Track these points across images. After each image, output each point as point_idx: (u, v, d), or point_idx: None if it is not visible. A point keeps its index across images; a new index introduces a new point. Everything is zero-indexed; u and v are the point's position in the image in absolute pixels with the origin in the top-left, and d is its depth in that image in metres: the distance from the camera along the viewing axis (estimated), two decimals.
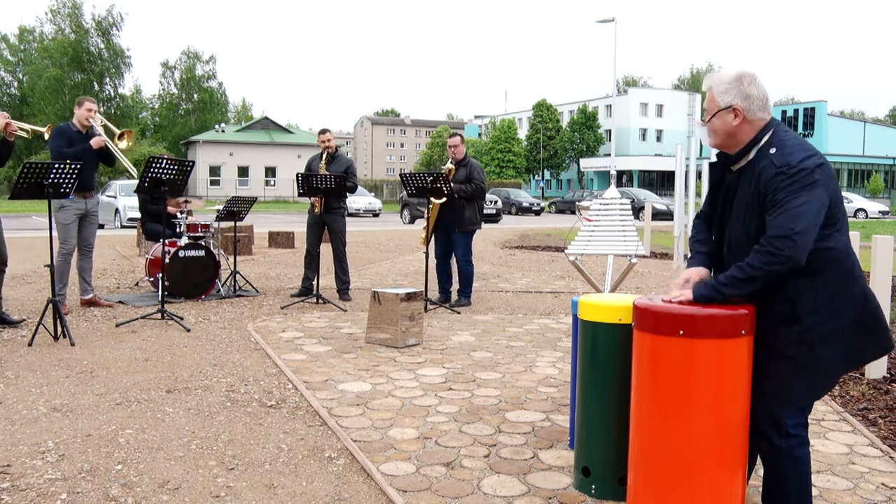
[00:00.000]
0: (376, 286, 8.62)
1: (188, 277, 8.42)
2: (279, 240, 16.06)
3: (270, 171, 59.81)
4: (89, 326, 6.93)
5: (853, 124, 72.38)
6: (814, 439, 4.06)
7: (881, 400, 4.90)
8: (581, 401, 3.43)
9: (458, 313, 8.03)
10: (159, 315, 7.15)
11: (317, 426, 4.27)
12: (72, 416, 4.33)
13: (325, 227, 8.81)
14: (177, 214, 8.84)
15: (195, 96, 70.23)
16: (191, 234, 8.69)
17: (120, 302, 8.21)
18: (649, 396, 2.79)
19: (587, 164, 72.63)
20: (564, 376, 5.44)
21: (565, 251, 6.37)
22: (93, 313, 7.55)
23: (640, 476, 2.87)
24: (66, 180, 6.33)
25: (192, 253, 8.44)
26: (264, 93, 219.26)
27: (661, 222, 26.34)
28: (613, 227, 6.38)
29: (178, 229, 8.79)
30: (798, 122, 65.37)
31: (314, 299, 8.43)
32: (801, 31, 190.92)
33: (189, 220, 8.77)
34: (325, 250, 8.81)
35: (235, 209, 9.41)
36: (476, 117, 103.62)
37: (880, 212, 40.79)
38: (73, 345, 6.10)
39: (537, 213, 39.71)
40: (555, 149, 75.59)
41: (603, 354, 3.29)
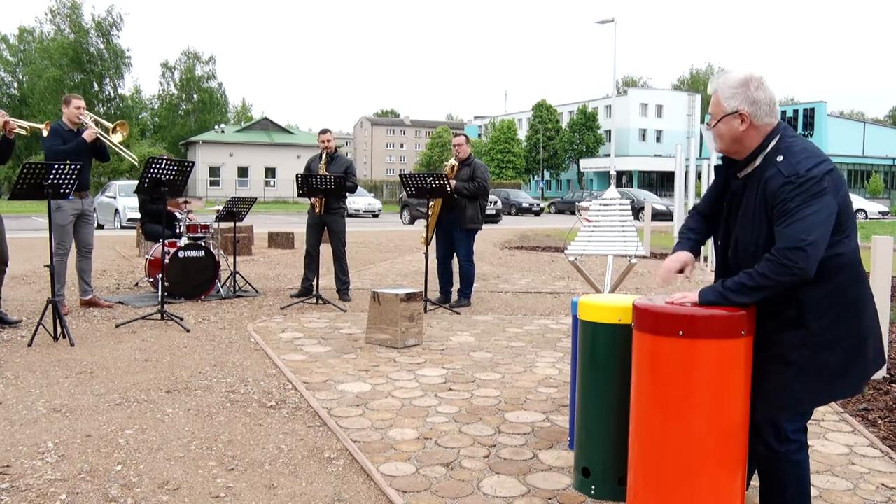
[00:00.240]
0: (376, 287, 8.63)
1: (188, 278, 8.42)
2: (279, 240, 16.06)
3: (270, 172, 59.81)
4: (89, 327, 6.93)
5: (853, 125, 72.36)
6: (814, 440, 4.07)
7: (881, 400, 4.90)
8: (581, 401, 3.43)
9: (458, 314, 8.03)
10: (159, 315, 7.15)
11: (316, 427, 4.28)
12: (71, 417, 4.33)
13: (325, 228, 8.81)
14: (176, 215, 8.84)
15: (195, 97, 70.22)
16: (190, 235, 8.69)
17: (120, 302, 8.21)
18: (649, 397, 2.79)
19: (587, 164, 72.66)
20: (564, 377, 5.44)
21: (565, 252, 6.37)
22: (92, 314, 7.55)
23: (639, 476, 2.87)
24: (66, 181, 6.33)
25: (192, 253, 8.44)
26: (264, 93, 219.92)
27: (661, 223, 26.35)
28: (613, 227, 6.38)
29: (177, 230, 8.80)
30: (798, 122, 65.35)
31: (314, 300, 8.43)
32: (801, 32, 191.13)
33: (189, 221, 8.77)
34: (325, 251, 8.81)
35: (235, 210, 9.42)
36: (476, 118, 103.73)
37: (880, 212, 40.77)
38: (72, 345, 6.10)
39: (537, 213, 39.74)
40: (554, 149, 75.62)
41: (602, 355, 3.30)
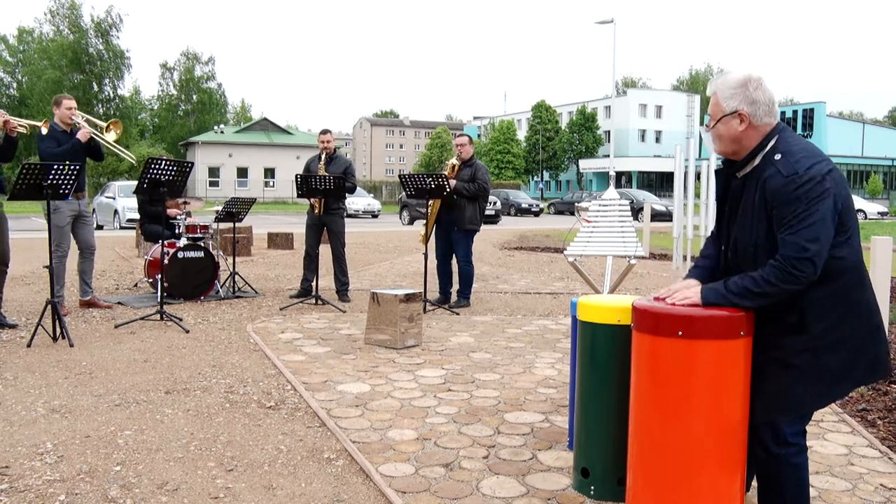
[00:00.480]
0: (375, 287, 8.62)
1: (187, 278, 8.42)
2: (278, 241, 16.05)
3: (269, 172, 59.81)
4: (88, 328, 6.93)
5: (852, 125, 72.39)
6: (813, 440, 4.07)
7: (880, 401, 4.90)
8: (580, 402, 3.43)
9: (457, 314, 8.03)
10: (158, 316, 7.15)
11: (316, 427, 4.27)
12: (70, 418, 4.33)
13: (324, 228, 8.81)
14: (176, 216, 8.84)
15: (194, 97, 70.25)
16: (190, 236, 8.68)
17: (119, 303, 8.21)
18: (648, 397, 2.79)
19: (586, 165, 72.67)
20: (563, 377, 5.44)
21: (564, 252, 6.37)
22: (92, 314, 7.55)
23: (639, 477, 2.87)
24: (66, 181, 6.32)
25: (191, 254, 8.44)
26: (263, 94, 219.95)
27: (660, 223, 26.34)
28: (612, 228, 6.38)
29: (177, 230, 8.80)
30: (797, 123, 65.39)
31: (313, 300, 8.43)
32: (801, 32, 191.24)
33: (188, 222, 8.77)
34: (324, 251, 8.81)
35: (234, 210, 9.41)
36: (475, 118, 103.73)
37: (879, 213, 40.83)
38: (71, 346, 6.10)
39: (536, 214, 39.75)
40: (554, 150, 75.65)
41: (602, 355, 3.30)
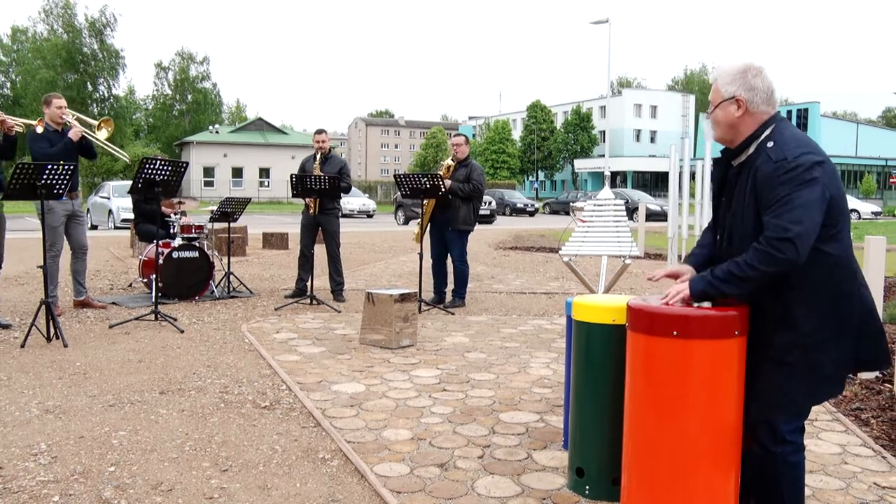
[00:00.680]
0: (370, 287, 8.61)
1: (182, 278, 8.40)
2: (273, 241, 16.03)
3: (264, 172, 59.74)
4: (82, 328, 6.91)
5: (846, 125, 72.57)
6: (807, 439, 4.05)
7: (873, 400, 4.92)
8: (575, 401, 3.43)
9: (452, 314, 8.03)
10: (153, 316, 7.14)
11: (311, 427, 4.27)
12: (64, 418, 4.31)
13: (319, 228, 8.80)
14: (170, 215, 8.82)
15: (189, 97, 70.04)
16: (184, 235, 8.66)
17: (113, 303, 8.19)
18: (643, 397, 2.79)
19: (581, 164, 72.74)
20: (558, 377, 5.44)
21: (559, 252, 6.37)
22: (86, 315, 7.53)
23: (633, 477, 2.87)
24: (60, 181, 6.31)
25: (186, 254, 8.42)
26: (258, 94, 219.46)
27: (655, 223, 26.32)
28: (607, 227, 6.38)
29: (171, 230, 8.78)
30: (791, 123, 65.48)
31: (308, 300, 8.42)
32: (795, 33, 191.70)
33: (183, 221, 8.75)
34: (319, 251, 8.80)
35: (229, 210, 9.39)
36: (470, 118, 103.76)
37: (873, 212, 40.97)
38: (66, 346, 6.08)
39: (531, 213, 39.78)
40: (549, 150, 75.68)
41: (597, 355, 3.30)
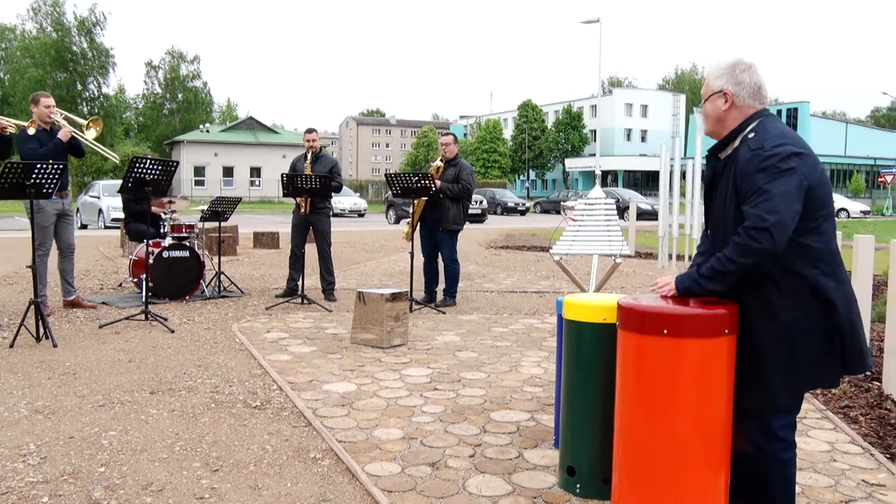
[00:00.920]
0: (361, 286, 8.61)
1: (172, 278, 8.37)
2: (264, 240, 15.99)
3: (255, 172, 59.56)
4: (72, 328, 6.88)
5: (835, 125, 72.88)
6: (796, 437, 4.09)
7: (862, 398, 4.94)
8: (566, 400, 3.43)
9: (444, 313, 8.03)
10: (143, 316, 7.11)
11: (302, 427, 4.26)
12: (54, 419, 4.29)
13: (310, 228, 8.79)
14: (161, 215, 8.79)
15: (179, 96, 69.79)
16: (175, 235, 8.64)
17: (103, 303, 8.15)
18: (634, 396, 2.80)
19: (572, 164, 72.81)
20: (549, 376, 5.45)
21: (550, 251, 6.38)
22: (75, 314, 7.50)
23: (624, 475, 2.88)
24: (49, 180, 6.27)
25: (177, 253, 8.39)
26: (249, 93, 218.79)
27: (646, 222, 26.39)
28: (598, 227, 6.40)
29: (162, 230, 8.75)
30: (780, 119, 65.78)
31: (299, 300, 8.41)
32: (785, 33, 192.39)
33: (173, 221, 8.72)
34: (310, 251, 8.79)
35: (220, 209, 9.37)
36: (461, 117, 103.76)
37: (862, 211, 41.20)
38: (55, 346, 6.05)
39: (522, 213, 39.83)
40: (540, 149, 75.76)
41: (587, 354, 3.30)
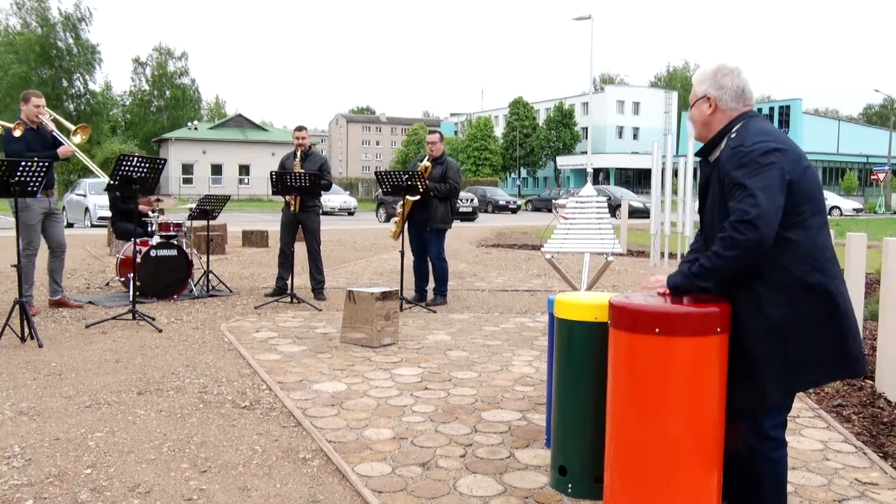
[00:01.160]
0: (351, 285, 8.60)
1: (160, 277, 8.34)
2: (253, 239, 15.95)
3: (244, 169, 59.41)
4: (58, 328, 6.84)
5: (827, 122, 73.28)
6: (788, 436, 4.08)
7: (855, 396, 4.97)
8: (557, 400, 3.44)
9: (434, 312, 8.03)
10: (130, 315, 7.08)
11: (291, 427, 4.25)
12: (39, 420, 4.27)
13: (300, 226, 8.77)
14: (148, 213, 8.76)
15: (167, 93, 69.51)
16: (163, 233, 8.60)
17: (90, 302, 8.12)
18: (625, 395, 2.81)
19: (564, 161, 72.93)
20: (541, 375, 5.45)
21: (541, 249, 6.38)
22: (61, 314, 7.46)
23: (616, 474, 2.88)
24: (34, 178, 6.23)
25: (164, 252, 8.36)
26: (238, 90, 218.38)
27: (638, 220, 26.46)
28: (590, 225, 6.39)
29: (149, 228, 8.72)
30: (773, 120, 66.12)
31: (288, 299, 8.39)
32: (777, 30, 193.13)
33: (161, 219, 8.69)
34: (300, 249, 8.77)
35: (208, 208, 9.34)
36: (452, 115, 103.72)
37: (854, 209, 41.44)
38: (40, 346, 6.02)
39: (514, 211, 39.86)
40: (531, 146, 75.83)
41: (579, 353, 3.31)
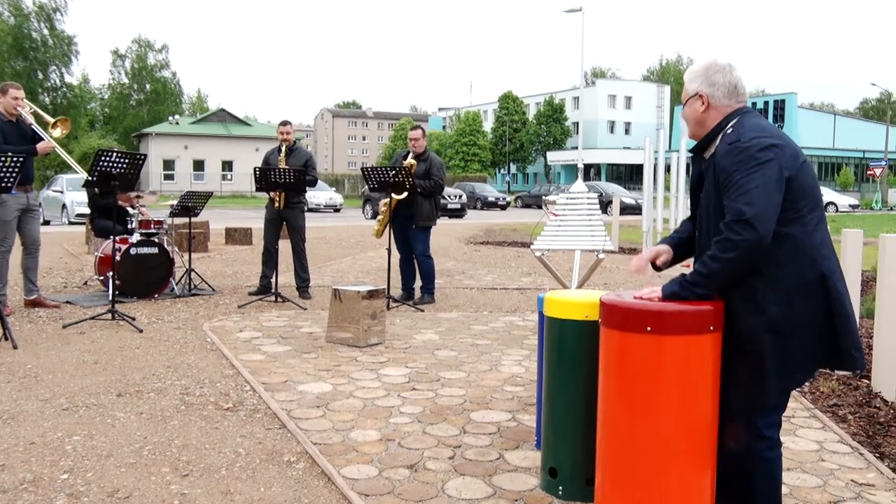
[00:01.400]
0: (337, 283, 8.58)
1: (140, 276, 8.31)
2: (236, 236, 15.91)
3: (227, 165, 59.30)
4: (34, 328, 6.80)
5: (823, 116, 73.74)
6: (784, 436, 4.10)
7: (851, 396, 5.00)
8: (547, 400, 3.44)
9: (422, 311, 8.03)
10: (109, 315, 7.04)
11: (275, 429, 4.24)
12: (13, 424, 4.24)
13: (284, 223, 8.75)
14: (128, 210, 8.72)
15: (147, 86, 69.26)
16: (143, 231, 8.57)
17: (67, 302, 8.07)
18: (617, 394, 2.81)
19: (554, 157, 73.10)
20: (531, 375, 5.46)
21: (531, 247, 6.39)
22: (37, 314, 7.41)
23: (607, 475, 2.89)
24: (9, 174, 6.18)
25: (145, 250, 8.33)
26: (221, 83, 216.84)
27: (630, 217, 26.57)
28: (580, 221, 6.41)
29: (129, 225, 8.67)
30: (768, 114, 66.48)
31: (273, 298, 8.37)
32: (772, 23, 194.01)
33: (141, 216, 8.66)
34: (284, 247, 8.75)
35: (190, 204, 9.30)
36: (440, 109, 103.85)
37: (850, 205, 41.70)
38: (15, 348, 5.97)
39: (503, 207, 39.91)
40: (521, 142, 75.93)
41: (570, 352, 3.31)
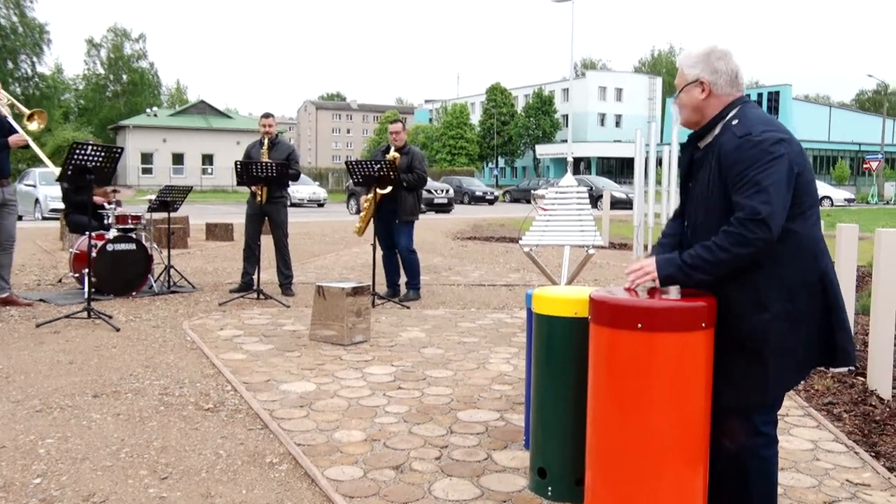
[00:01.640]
0: (321, 280, 8.56)
1: (117, 273, 8.26)
2: (217, 232, 15.87)
3: (207, 159, 59.06)
4: (5, 327, 6.76)
5: (818, 109, 74.08)
6: (778, 435, 4.14)
7: (846, 394, 5.03)
8: (536, 399, 3.45)
9: (408, 308, 8.03)
10: (85, 314, 7.00)
11: (257, 430, 4.24)
12: None
13: (266, 218, 8.73)
14: (104, 205, 8.67)
15: (124, 77, 68.92)
16: (120, 227, 8.52)
17: (41, 300, 8.03)
18: (607, 392, 2.82)
19: (543, 150, 73.20)
20: (519, 373, 5.48)
21: (520, 242, 6.40)
22: (9, 313, 7.36)
23: (598, 475, 2.90)
24: None
25: (122, 246, 8.29)
26: (200, 75, 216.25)
27: (620, 211, 26.62)
28: (570, 216, 6.42)
29: (105, 221, 8.62)
30: (763, 106, 66.60)
31: (254, 295, 8.36)
32: (766, 13, 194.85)
33: (118, 211, 8.61)
34: (266, 243, 8.73)
35: (169, 199, 9.27)
36: (426, 102, 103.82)
37: (846, 199, 41.95)
38: None
39: (491, 202, 39.93)
40: (509, 135, 76.00)
41: (558, 350, 3.32)
